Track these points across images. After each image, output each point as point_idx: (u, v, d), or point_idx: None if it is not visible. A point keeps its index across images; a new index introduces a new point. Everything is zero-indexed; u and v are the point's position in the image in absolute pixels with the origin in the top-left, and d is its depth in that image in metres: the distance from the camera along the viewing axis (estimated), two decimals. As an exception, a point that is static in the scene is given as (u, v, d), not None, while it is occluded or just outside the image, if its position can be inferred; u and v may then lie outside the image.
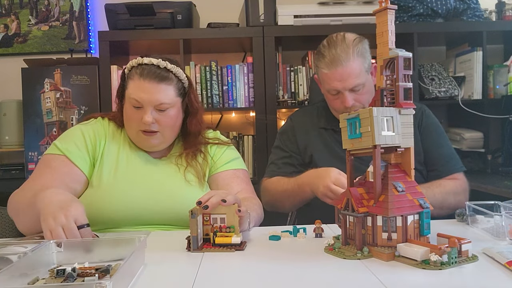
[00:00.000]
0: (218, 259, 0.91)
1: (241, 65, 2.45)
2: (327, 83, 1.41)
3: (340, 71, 1.36)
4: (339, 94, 1.41)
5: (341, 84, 1.37)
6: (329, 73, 1.38)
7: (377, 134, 0.85)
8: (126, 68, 1.27)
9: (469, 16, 2.44)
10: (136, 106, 1.22)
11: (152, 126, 1.23)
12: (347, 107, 1.39)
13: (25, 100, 2.38)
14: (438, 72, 2.50)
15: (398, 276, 0.78)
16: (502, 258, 0.81)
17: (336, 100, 1.43)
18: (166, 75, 1.23)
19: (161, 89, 1.22)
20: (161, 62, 1.22)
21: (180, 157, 1.32)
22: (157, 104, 1.22)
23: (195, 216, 0.97)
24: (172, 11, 2.31)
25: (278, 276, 0.81)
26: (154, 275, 0.83)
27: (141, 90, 1.21)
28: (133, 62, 1.25)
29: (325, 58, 1.39)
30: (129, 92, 1.24)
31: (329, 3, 2.35)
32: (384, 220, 0.87)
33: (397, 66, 0.89)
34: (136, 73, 1.23)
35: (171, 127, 1.28)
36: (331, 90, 1.41)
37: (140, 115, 1.22)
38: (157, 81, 1.21)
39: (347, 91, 1.38)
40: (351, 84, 1.37)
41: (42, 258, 0.84)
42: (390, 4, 0.91)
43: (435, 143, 1.47)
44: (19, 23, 2.76)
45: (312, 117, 1.59)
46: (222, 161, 1.36)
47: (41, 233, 0.99)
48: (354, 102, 1.39)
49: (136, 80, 1.22)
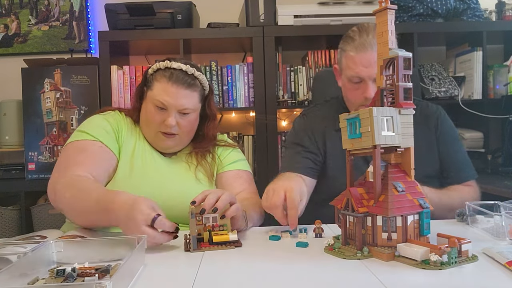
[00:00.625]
0: (218, 259, 0.91)
1: (241, 65, 2.45)
2: (352, 68, 1.32)
3: (369, 56, 1.29)
4: (360, 84, 1.33)
5: (367, 71, 1.30)
6: (356, 56, 1.31)
7: (377, 134, 0.85)
8: (151, 69, 1.30)
9: (469, 16, 2.44)
10: (160, 107, 1.26)
11: (173, 129, 1.27)
12: (367, 98, 1.31)
13: (25, 100, 2.38)
14: (438, 72, 2.50)
15: (398, 276, 0.78)
16: (502, 258, 0.81)
17: (356, 91, 1.35)
18: (193, 82, 1.28)
19: (187, 94, 1.27)
20: (189, 69, 1.27)
21: (190, 156, 1.36)
22: (181, 109, 1.26)
23: (195, 216, 0.97)
24: (172, 11, 2.31)
25: (278, 276, 0.81)
26: (154, 275, 0.83)
27: (168, 94, 1.25)
28: (160, 65, 1.28)
29: (355, 41, 1.32)
30: (154, 94, 1.27)
31: (329, 3, 2.35)
32: (384, 220, 0.87)
33: (397, 66, 0.89)
34: (164, 76, 1.26)
35: (189, 131, 1.33)
36: (354, 77, 1.32)
37: (162, 117, 1.26)
38: (184, 87, 1.26)
39: (371, 81, 1.30)
40: (375, 71, 1.31)
41: (42, 258, 0.84)
42: (390, 4, 0.91)
43: (451, 150, 1.43)
44: (19, 23, 2.76)
45: (328, 116, 1.48)
46: (227, 161, 1.40)
47: None
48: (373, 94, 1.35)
49: (163, 83, 1.26)
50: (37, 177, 2.35)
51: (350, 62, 1.33)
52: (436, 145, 1.43)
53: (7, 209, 2.38)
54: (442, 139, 1.44)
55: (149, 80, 1.30)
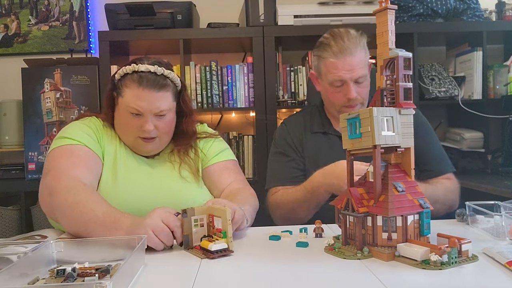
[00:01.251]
0: (218, 259, 0.91)
1: (241, 65, 2.45)
2: (333, 73, 1.38)
3: (349, 60, 1.35)
4: (342, 87, 1.39)
5: (349, 73, 1.36)
6: (338, 62, 1.36)
7: (377, 134, 0.85)
8: (118, 74, 1.25)
9: (469, 16, 2.44)
10: (135, 113, 1.21)
11: (152, 133, 1.23)
12: (350, 99, 1.38)
13: (25, 100, 2.38)
14: (438, 72, 2.50)
15: (398, 276, 0.78)
16: (502, 258, 0.81)
17: (338, 93, 1.41)
18: (164, 82, 1.22)
19: (161, 96, 1.21)
20: (158, 69, 1.21)
21: (173, 154, 1.33)
22: (157, 112, 1.22)
23: (186, 216, 0.97)
24: (172, 11, 2.31)
25: (278, 276, 0.81)
26: (154, 275, 0.83)
27: (141, 99, 1.19)
28: (127, 69, 1.22)
29: (332, 48, 1.37)
30: (126, 101, 1.21)
31: (329, 3, 2.35)
32: (384, 220, 0.87)
33: (397, 66, 0.89)
34: (133, 81, 1.20)
35: (168, 132, 1.29)
36: (336, 81, 1.39)
37: (139, 123, 1.22)
38: (156, 90, 1.20)
39: (352, 82, 1.37)
40: (357, 74, 1.36)
41: (42, 258, 0.84)
42: (390, 4, 0.91)
43: (426, 144, 1.45)
44: (19, 23, 2.76)
45: (305, 121, 1.56)
46: (211, 153, 1.37)
47: None
48: (357, 95, 1.39)
49: (134, 89, 1.20)
50: (37, 177, 2.34)
51: (331, 67, 1.39)
52: None
53: (7, 209, 2.38)
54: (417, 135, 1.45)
55: (118, 87, 1.24)
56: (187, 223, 0.98)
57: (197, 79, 2.42)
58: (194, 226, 0.99)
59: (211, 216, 0.99)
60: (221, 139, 1.43)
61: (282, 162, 1.52)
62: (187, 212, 0.98)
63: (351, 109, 1.41)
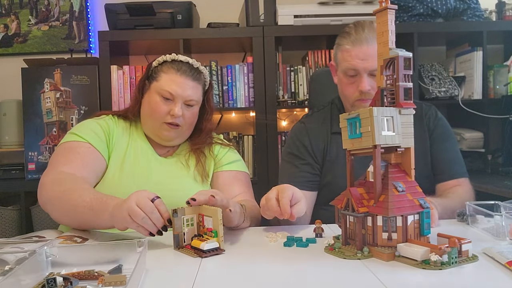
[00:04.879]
0: (218, 259, 0.91)
1: (241, 65, 2.45)
2: (348, 61, 1.33)
3: (365, 50, 1.30)
4: (356, 77, 1.34)
5: (363, 63, 1.31)
6: (353, 49, 1.32)
7: (377, 134, 0.85)
8: (156, 61, 1.34)
9: (469, 16, 2.44)
10: (167, 98, 1.29)
11: (178, 120, 1.29)
12: (363, 91, 1.32)
13: (25, 100, 2.38)
14: (438, 72, 2.50)
15: (398, 276, 0.78)
16: (502, 258, 0.81)
17: (352, 85, 1.35)
18: (198, 75, 1.34)
19: (194, 86, 1.32)
20: (195, 62, 1.34)
21: (187, 155, 1.37)
22: (188, 99, 1.30)
23: (177, 215, 0.97)
24: (172, 11, 2.31)
25: (278, 276, 0.81)
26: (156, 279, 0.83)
27: (176, 84, 1.29)
28: (167, 57, 1.33)
29: (351, 36, 1.34)
30: (161, 84, 1.30)
31: (329, 3, 2.35)
32: (384, 220, 0.87)
33: (397, 66, 0.89)
34: (172, 67, 1.31)
35: (191, 124, 1.36)
36: (350, 70, 1.33)
37: (168, 107, 1.29)
38: (191, 79, 1.31)
39: (366, 74, 1.32)
40: (372, 65, 1.30)
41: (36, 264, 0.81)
42: (390, 4, 0.91)
43: (443, 147, 1.43)
44: (19, 23, 2.76)
45: (326, 121, 1.48)
46: (225, 161, 1.39)
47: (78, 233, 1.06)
48: (370, 89, 1.33)
49: (171, 74, 1.30)
50: (37, 177, 2.34)
51: (346, 55, 1.34)
52: (430, 146, 1.43)
53: (7, 209, 2.38)
54: (434, 138, 1.44)
55: (154, 72, 1.33)
56: (177, 223, 0.98)
57: (197, 79, 2.42)
58: (186, 225, 0.99)
59: (201, 216, 0.99)
60: (236, 151, 1.47)
61: (294, 165, 1.45)
62: (177, 211, 0.98)
63: (364, 103, 1.34)
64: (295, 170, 1.44)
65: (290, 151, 1.48)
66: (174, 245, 0.98)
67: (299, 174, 1.43)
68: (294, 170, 1.44)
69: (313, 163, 1.44)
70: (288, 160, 1.48)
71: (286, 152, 1.50)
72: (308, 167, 1.43)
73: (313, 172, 1.44)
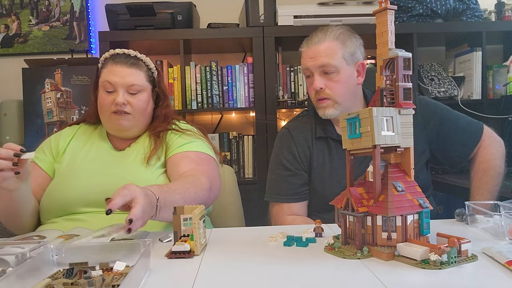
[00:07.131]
0: (218, 259, 0.92)
1: (241, 65, 2.45)
2: (302, 63, 1.40)
3: (314, 48, 1.36)
4: (312, 78, 1.37)
5: (312, 61, 1.35)
6: (305, 51, 1.39)
7: (377, 134, 0.85)
8: (100, 62, 1.39)
9: (469, 16, 2.45)
10: (109, 90, 1.32)
11: (124, 107, 1.31)
12: (316, 91, 1.35)
13: (26, 100, 2.38)
14: (437, 72, 2.51)
15: (397, 275, 0.78)
16: (502, 257, 0.82)
17: (310, 86, 1.39)
18: (135, 62, 1.35)
19: (132, 72, 1.33)
20: (131, 51, 1.37)
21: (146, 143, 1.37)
22: (129, 85, 1.32)
23: (176, 213, 0.97)
24: (172, 11, 2.32)
25: (278, 276, 0.81)
26: (158, 281, 0.83)
27: (113, 74, 1.32)
28: (106, 54, 1.38)
29: (307, 40, 1.41)
30: (102, 78, 1.34)
31: (329, 3, 2.35)
32: (384, 219, 0.87)
33: (397, 66, 0.90)
34: (109, 61, 1.35)
35: (142, 111, 1.35)
36: (305, 70, 1.40)
37: (112, 98, 1.32)
38: (128, 66, 1.33)
39: (317, 72, 1.35)
40: (320, 62, 1.33)
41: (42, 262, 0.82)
42: (389, 4, 0.91)
43: (450, 128, 1.43)
44: (19, 23, 2.76)
45: (310, 126, 1.47)
46: (174, 145, 1.35)
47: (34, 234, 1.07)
48: (324, 87, 1.34)
49: (108, 66, 1.34)
50: (38, 177, 2.34)
51: (302, 58, 1.41)
52: (426, 135, 1.42)
53: (8, 209, 2.38)
54: (430, 125, 1.43)
55: (99, 71, 1.38)
56: (176, 220, 0.98)
57: (197, 79, 2.43)
58: (184, 224, 0.99)
59: None
60: (191, 134, 1.39)
61: (283, 176, 1.43)
62: (176, 210, 0.98)
63: (321, 103, 1.36)
64: (284, 181, 1.43)
65: (278, 161, 1.46)
66: (174, 242, 0.98)
67: (288, 186, 1.43)
68: (283, 181, 1.44)
69: (302, 172, 1.43)
70: (276, 171, 1.46)
71: (274, 162, 1.48)
72: (294, 179, 1.43)
73: (301, 182, 1.43)
